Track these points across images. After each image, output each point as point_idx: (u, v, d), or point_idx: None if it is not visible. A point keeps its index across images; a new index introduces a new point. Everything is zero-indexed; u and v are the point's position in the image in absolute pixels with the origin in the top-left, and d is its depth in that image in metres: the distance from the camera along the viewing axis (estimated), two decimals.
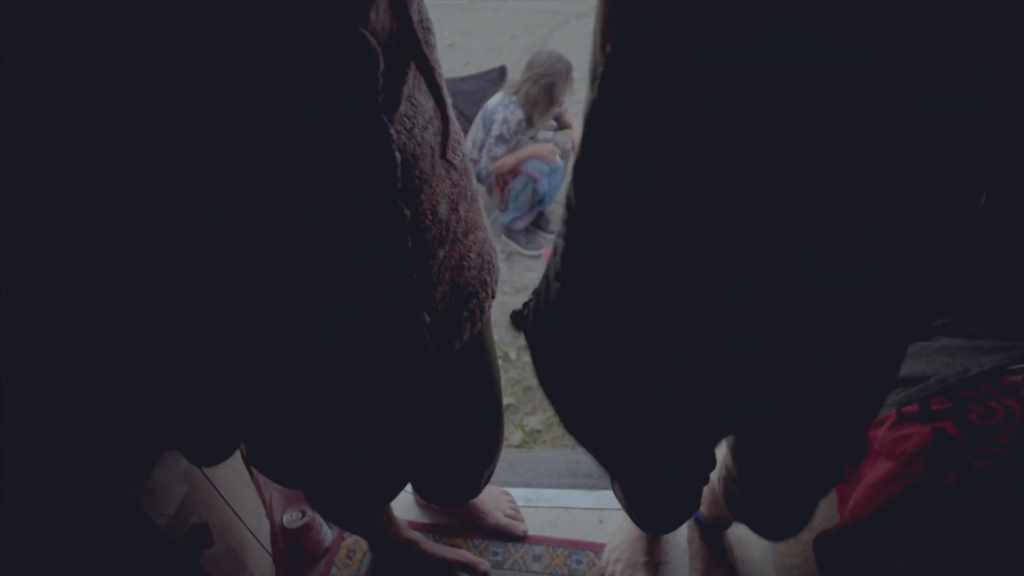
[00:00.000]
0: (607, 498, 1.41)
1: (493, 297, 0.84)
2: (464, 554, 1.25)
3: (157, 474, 0.89)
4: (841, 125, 0.37)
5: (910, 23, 0.31)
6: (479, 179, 3.14)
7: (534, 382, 2.38)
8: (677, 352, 0.55)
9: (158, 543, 0.87)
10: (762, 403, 0.59)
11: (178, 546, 0.90)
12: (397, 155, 0.56)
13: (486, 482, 1.19)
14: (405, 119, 0.59)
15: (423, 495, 1.24)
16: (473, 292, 0.80)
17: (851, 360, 0.54)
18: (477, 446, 1.08)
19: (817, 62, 0.34)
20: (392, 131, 0.55)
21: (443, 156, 0.66)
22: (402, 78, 0.57)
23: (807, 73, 0.35)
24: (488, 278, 0.83)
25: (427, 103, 0.64)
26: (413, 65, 0.58)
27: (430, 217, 0.65)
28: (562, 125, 3.11)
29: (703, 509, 1.21)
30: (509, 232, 3.17)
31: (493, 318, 0.91)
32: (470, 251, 0.77)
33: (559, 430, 2.17)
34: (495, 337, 2.92)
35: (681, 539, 1.29)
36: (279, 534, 1.26)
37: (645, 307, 0.53)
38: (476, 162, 3.00)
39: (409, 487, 1.42)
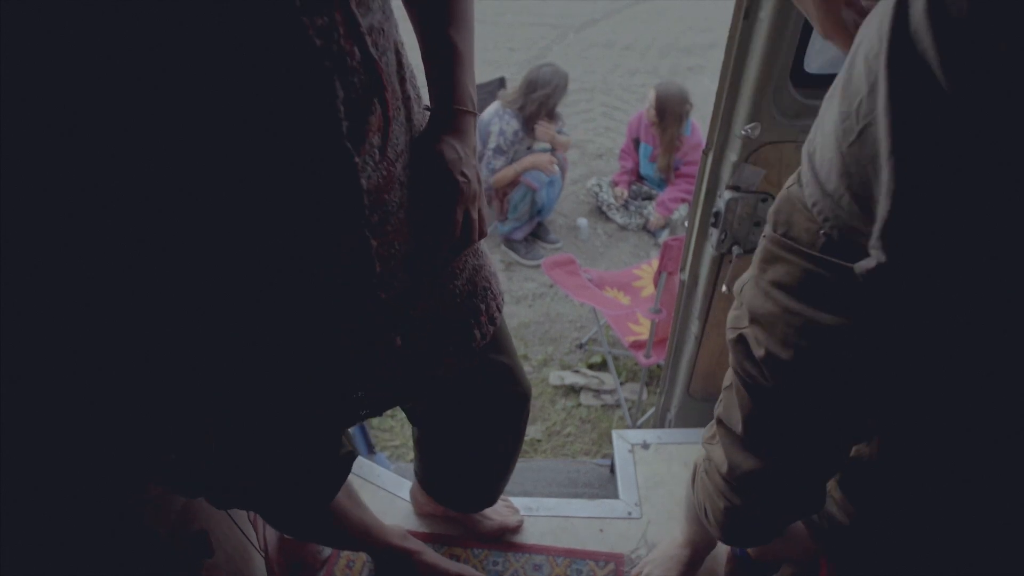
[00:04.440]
0: (607, 507, 1.41)
1: (493, 323, 0.83)
2: (467, 569, 1.25)
3: None
4: None
5: None
6: None
7: (534, 392, 2.38)
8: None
9: (158, 552, 0.87)
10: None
11: (178, 555, 0.90)
12: (363, 183, 0.56)
13: (501, 491, 1.22)
14: (375, 150, 0.59)
15: (443, 503, 1.26)
16: (460, 320, 0.78)
17: None
18: (494, 464, 1.09)
19: None
20: (357, 160, 0.55)
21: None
22: (369, 108, 0.57)
23: None
24: (482, 305, 0.81)
25: (401, 136, 0.64)
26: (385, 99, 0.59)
27: (397, 247, 0.66)
28: (554, 146, 3.13)
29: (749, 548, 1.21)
30: (508, 242, 3.18)
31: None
32: (455, 279, 0.77)
33: (559, 439, 2.17)
34: None
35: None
36: (278, 545, 1.26)
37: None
38: None
39: (405, 495, 1.42)
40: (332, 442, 0.92)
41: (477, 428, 0.99)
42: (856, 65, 0.52)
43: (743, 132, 1.08)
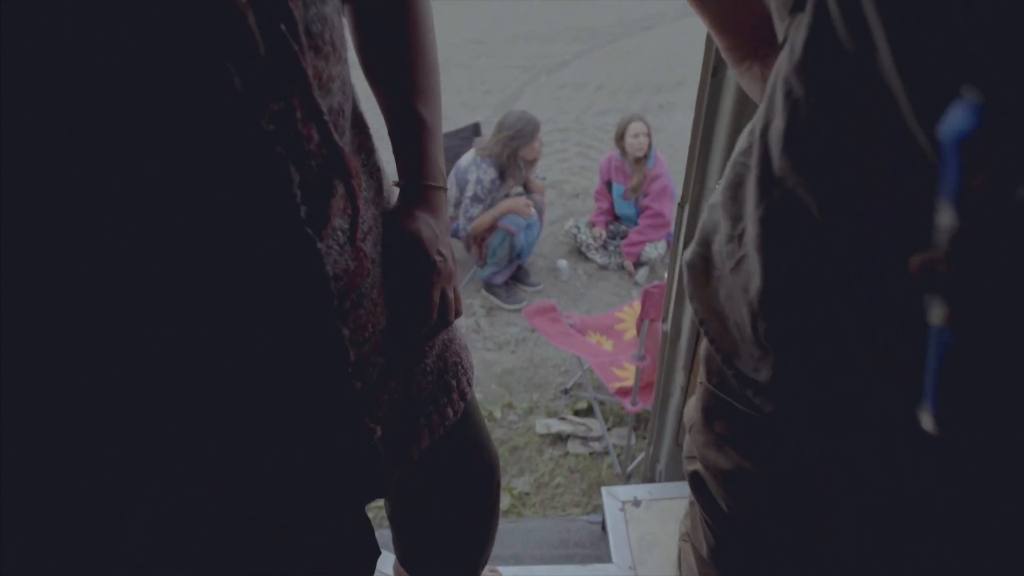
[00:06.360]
0: (600, 573, 1.35)
1: (464, 399, 0.80)
2: None
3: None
4: None
5: None
6: (455, 235, 3.15)
7: (520, 442, 2.31)
8: None
9: None
10: None
11: None
12: (328, 270, 0.53)
13: (483, 567, 1.15)
14: (339, 232, 0.55)
15: None
16: (431, 398, 0.75)
17: None
18: (468, 538, 1.04)
19: None
20: (320, 246, 0.52)
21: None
22: (330, 191, 0.54)
23: None
24: (453, 381, 0.78)
25: (368, 211, 0.61)
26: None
27: (371, 329, 0.62)
28: (529, 189, 3.15)
29: None
30: (489, 287, 3.16)
31: (476, 375, 0.87)
32: (425, 356, 0.73)
33: (548, 492, 2.10)
34: (478, 396, 2.86)
35: None
36: None
37: None
38: (453, 219, 3.01)
39: (389, 569, 1.35)
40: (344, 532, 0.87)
41: (447, 502, 0.95)
42: (748, 184, 0.46)
43: (718, 186, 1.08)
